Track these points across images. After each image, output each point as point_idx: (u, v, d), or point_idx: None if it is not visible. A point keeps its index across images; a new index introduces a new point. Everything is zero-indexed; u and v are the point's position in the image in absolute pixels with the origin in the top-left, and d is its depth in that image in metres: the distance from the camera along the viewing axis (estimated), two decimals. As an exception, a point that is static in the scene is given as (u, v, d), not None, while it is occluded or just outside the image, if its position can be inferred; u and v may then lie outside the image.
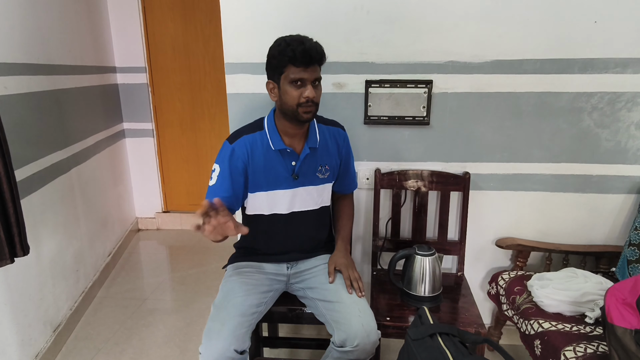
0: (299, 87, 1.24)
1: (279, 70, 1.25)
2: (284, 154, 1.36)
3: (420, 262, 1.46)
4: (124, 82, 3.04)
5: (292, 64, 1.22)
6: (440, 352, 0.94)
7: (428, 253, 1.46)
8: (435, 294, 1.49)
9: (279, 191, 1.37)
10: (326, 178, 1.44)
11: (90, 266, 2.41)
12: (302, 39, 1.24)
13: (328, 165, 1.44)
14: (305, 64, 1.22)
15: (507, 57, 1.60)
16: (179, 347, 1.99)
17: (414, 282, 1.48)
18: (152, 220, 3.35)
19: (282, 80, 1.25)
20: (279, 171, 1.36)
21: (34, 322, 1.80)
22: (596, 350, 1.24)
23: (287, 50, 1.21)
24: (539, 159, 1.70)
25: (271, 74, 1.28)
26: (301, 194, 1.40)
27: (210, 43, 3.02)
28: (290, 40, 1.23)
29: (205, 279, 2.60)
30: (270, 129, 1.36)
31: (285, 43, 1.22)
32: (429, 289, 1.47)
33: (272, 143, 1.34)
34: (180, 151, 3.24)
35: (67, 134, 2.21)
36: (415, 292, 1.48)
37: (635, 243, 1.56)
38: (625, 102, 1.61)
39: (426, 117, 1.66)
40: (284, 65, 1.23)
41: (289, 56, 1.21)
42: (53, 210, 2.01)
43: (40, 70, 1.94)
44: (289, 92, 1.25)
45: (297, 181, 1.38)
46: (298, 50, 1.20)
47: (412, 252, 1.47)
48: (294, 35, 1.26)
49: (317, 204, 1.45)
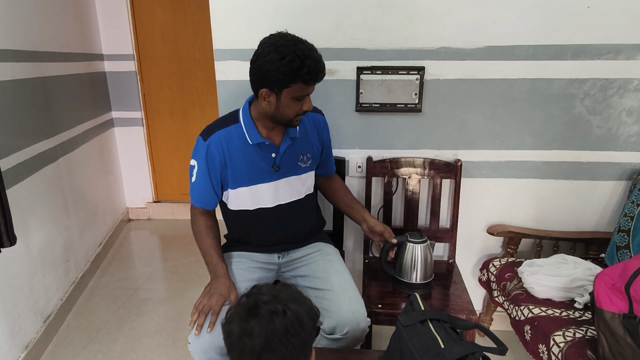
0: (299, 101, 1.21)
1: (283, 84, 1.16)
2: (262, 147, 1.32)
3: (412, 250, 1.46)
4: (112, 70, 2.98)
5: (304, 82, 1.16)
6: (431, 337, 0.94)
7: (420, 240, 1.46)
8: (427, 281, 1.50)
9: (261, 185, 1.34)
10: (308, 166, 1.42)
11: (80, 256, 2.39)
12: (314, 55, 1.16)
13: (309, 154, 1.41)
14: (315, 82, 1.19)
15: (500, 43, 1.58)
16: (171, 335, 1.99)
17: (406, 270, 1.48)
18: (143, 210, 3.32)
19: (285, 94, 1.18)
20: (260, 165, 1.33)
21: (24, 312, 1.79)
22: (585, 335, 1.25)
23: (302, 69, 1.13)
24: (531, 146, 1.70)
25: (270, 84, 1.18)
26: (284, 185, 1.38)
27: (200, 29, 2.97)
28: (304, 56, 1.13)
29: (197, 268, 2.60)
30: (247, 122, 1.30)
31: (299, 60, 1.13)
32: (420, 276, 1.47)
33: (249, 137, 1.29)
34: (171, 140, 3.21)
35: (54, 122, 2.16)
36: (407, 280, 1.48)
37: (625, 229, 1.58)
38: (617, 88, 1.61)
39: (418, 104, 1.65)
40: (292, 82, 1.16)
41: (304, 78, 1.15)
42: (41, 200, 1.98)
43: (24, 57, 1.89)
44: (291, 107, 1.21)
45: (279, 173, 1.35)
46: (314, 72, 1.15)
47: (404, 239, 1.47)
48: (304, 49, 1.15)
49: (301, 194, 1.44)
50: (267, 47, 1.16)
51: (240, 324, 0.78)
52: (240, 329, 0.78)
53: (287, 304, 0.78)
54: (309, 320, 0.80)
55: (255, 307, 0.78)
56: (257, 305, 0.78)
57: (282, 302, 0.78)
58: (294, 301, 0.80)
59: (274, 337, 0.75)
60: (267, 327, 0.75)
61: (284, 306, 0.77)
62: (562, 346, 1.23)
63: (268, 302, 0.78)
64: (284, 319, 0.76)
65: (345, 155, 1.73)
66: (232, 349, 0.79)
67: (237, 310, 0.81)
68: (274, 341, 0.75)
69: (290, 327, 0.76)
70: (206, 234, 1.34)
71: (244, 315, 0.78)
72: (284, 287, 0.85)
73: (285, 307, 0.77)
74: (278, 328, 0.75)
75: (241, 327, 0.77)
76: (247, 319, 0.77)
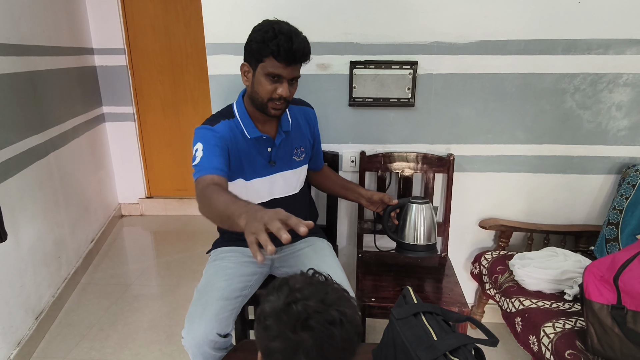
0: (274, 82, 1.19)
1: (258, 57, 1.18)
2: (259, 141, 1.31)
3: (414, 211, 1.44)
4: (102, 64, 2.95)
5: (274, 57, 1.15)
6: (424, 330, 0.95)
7: (422, 201, 1.45)
8: (431, 243, 1.48)
9: (257, 179, 1.34)
10: (302, 160, 1.43)
11: (72, 253, 2.37)
12: (292, 34, 1.15)
13: (303, 147, 1.42)
14: (287, 62, 1.16)
15: (492, 37, 1.59)
16: (165, 331, 1.99)
17: (409, 231, 1.46)
18: (135, 206, 3.30)
19: (259, 69, 1.19)
20: (256, 159, 1.32)
21: (15, 309, 1.77)
22: (574, 326, 1.27)
23: (272, 43, 1.13)
24: (522, 141, 1.71)
25: (249, 57, 1.21)
26: (279, 179, 1.38)
27: (192, 23, 2.94)
28: (279, 31, 1.14)
29: (190, 263, 2.59)
30: (242, 116, 1.29)
31: (273, 33, 1.13)
32: (424, 237, 1.45)
33: (246, 131, 1.29)
34: (163, 135, 3.18)
35: (44, 117, 2.13)
36: (411, 242, 1.46)
37: (614, 222, 1.60)
38: (607, 83, 1.63)
39: (411, 99, 1.65)
40: (264, 55, 1.16)
41: (272, 49, 1.14)
42: (31, 196, 1.96)
43: (12, 51, 1.86)
44: (263, 84, 1.20)
45: (275, 167, 1.36)
46: (284, 47, 1.13)
47: (406, 201, 1.46)
48: (284, 26, 1.16)
49: (296, 188, 1.44)
50: (257, 26, 1.21)
51: (286, 338, 0.62)
52: (289, 347, 0.62)
53: (340, 310, 0.64)
54: (359, 317, 0.68)
55: (307, 318, 0.62)
56: (309, 316, 0.62)
57: (333, 307, 0.64)
58: (344, 302, 0.66)
59: (333, 351, 0.62)
60: (325, 341, 0.61)
61: (339, 313, 0.63)
62: (552, 337, 1.25)
63: (319, 310, 0.63)
64: (342, 329, 0.63)
65: (338, 149, 1.73)
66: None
67: (280, 318, 0.64)
68: (333, 354, 0.63)
69: (346, 334, 0.63)
70: (219, 191, 1.07)
71: (290, 325, 0.62)
72: (326, 285, 0.69)
73: (340, 315, 0.63)
74: (337, 341, 0.62)
75: (289, 341, 0.62)
76: (295, 330, 0.62)
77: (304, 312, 0.62)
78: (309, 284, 0.68)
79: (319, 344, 0.62)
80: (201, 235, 2.98)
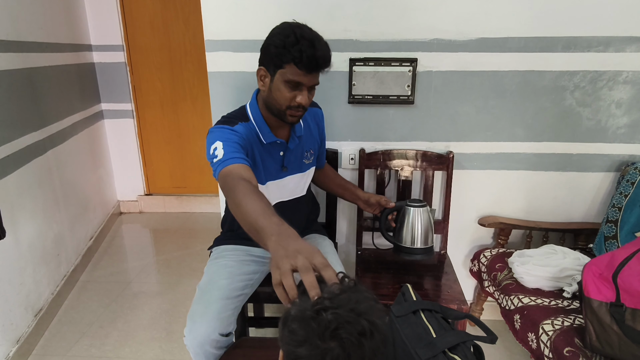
0: (293, 89, 1.14)
1: (277, 63, 1.12)
2: (273, 145, 1.28)
3: (411, 214, 1.45)
4: (101, 61, 2.94)
5: (295, 64, 1.10)
6: (423, 327, 0.95)
7: (419, 204, 1.46)
8: (428, 246, 1.48)
9: (269, 183, 1.33)
10: (311, 162, 1.43)
11: (71, 250, 2.37)
12: (314, 40, 1.09)
13: (312, 149, 1.41)
14: (309, 69, 1.11)
15: (492, 35, 1.59)
16: (165, 329, 1.99)
17: (406, 234, 1.46)
18: (134, 203, 3.29)
19: (278, 75, 1.13)
20: (269, 164, 1.30)
21: (15, 307, 1.77)
22: (573, 323, 1.28)
23: (294, 49, 1.08)
24: (522, 138, 1.71)
25: (267, 61, 1.15)
26: (289, 183, 1.37)
27: (191, 20, 2.93)
28: (301, 36, 1.08)
29: (190, 261, 2.59)
30: (258, 120, 1.24)
31: (295, 38, 1.08)
32: (421, 240, 1.46)
33: (262, 137, 1.24)
34: (162, 132, 3.18)
35: (42, 114, 2.13)
36: (408, 245, 1.47)
37: (613, 220, 1.60)
38: (606, 80, 1.62)
39: (411, 96, 1.65)
40: (285, 61, 1.11)
41: (294, 55, 1.08)
42: (30, 193, 1.95)
43: (10, 47, 1.85)
44: (282, 91, 1.15)
45: (286, 172, 1.35)
46: (306, 54, 1.08)
47: (403, 204, 1.47)
48: (305, 30, 1.11)
49: (303, 190, 1.44)
50: (276, 29, 1.15)
51: (314, 345, 0.60)
52: (317, 355, 0.60)
53: (371, 320, 0.62)
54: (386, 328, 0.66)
55: (337, 328, 0.60)
56: (339, 326, 0.60)
57: (365, 317, 0.61)
58: (375, 312, 0.63)
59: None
60: (354, 351, 0.60)
61: (370, 324, 0.61)
62: (551, 334, 1.25)
63: (351, 320, 0.60)
64: (372, 341, 0.61)
65: (337, 147, 1.73)
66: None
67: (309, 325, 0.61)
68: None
69: (377, 347, 0.61)
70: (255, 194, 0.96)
71: (319, 333, 0.60)
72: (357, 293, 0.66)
73: (371, 326, 0.61)
74: (367, 352, 0.60)
75: (316, 350, 0.60)
76: (324, 339, 0.60)
77: (334, 321, 0.60)
78: (341, 290, 0.66)
79: (346, 354, 0.60)
80: (200, 232, 2.98)
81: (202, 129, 3.13)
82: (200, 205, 3.30)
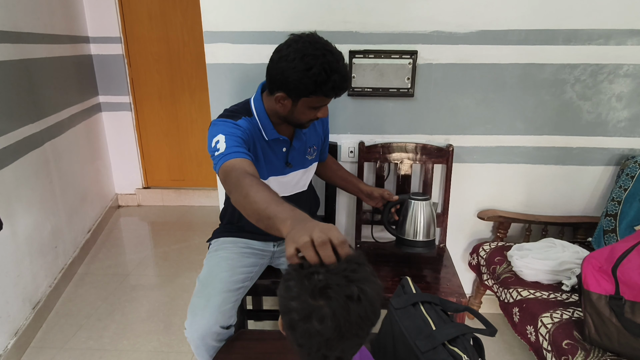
0: (316, 109, 1.17)
1: (304, 93, 1.11)
2: (276, 142, 1.28)
3: (414, 207, 1.46)
4: (98, 53, 2.91)
5: (325, 95, 1.11)
6: (422, 319, 0.95)
7: (422, 198, 1.46)
8: (430, 239, 1.49)
9: (271, 178, 1.33)
10: (314, 158, 1.43)
11: (69, 243, 2.36)
12: (338, 66, 1.08)
13: (315, 145, 1.41)
14: (338, 95, 1.15)
15: (493, 27, 1.57)
16: (163, 321, 1.99)
17: (409, 227, 1.47)
18: (132, 196, 3.28)
19: (302, 102, 1.14)
20: (272, 159, 1.30)
21: (12, 299, 1.77)
22: (571, 316, 1.28)
23: (327, 84, 1.08)
24: (522, 132, 1.70)
25: (289, 91, 1.12)
26: (291, 179, 1.37)
27: (188, 12, 2.90)
28: (330, 68, 1.07)
29: (188, 254, 2.59)
30: (261, 116, 1.23)
31: (325, 74, 1.07)
32: (423, 233, 1.47)
33: (265, 133, 1.24)
34: (160, 125, 3.16)
35: (39, 106, 2.11)
36: (410, 237, 1.47)
37: (612, 214, 1.60)
38: (607, 74, 1.62)
39: (410, 89, 1.64)
40: (313, 94, 1.11)
41: (325, 90, 1.09)
42: (27, 185, 1.94)
43: (6, 38, 1.83)
44: (306, 114, 1.17)
45: (289, 168, 1.35)
46: (338, 85, 1.10)
47: (406, 197, 1.47)
48: (330, 58, 1.08)
49: (305, 185, 1.44)
50: (293, 53, 1.08)
51: (305, 301, 0.65)
52: (305, 308, 0.65)
53: (362, 288, 0.65)
54: (380, 303, 0.69)
55: (326, 287, 0.64)
56: (328, 286, 0.64)
57: (355, 284, 0.65)
58: (367, 283, 0.67)
59: (347, 324, 0.64)
60: (340, 313, 0.64)
61: (359, 290, 0.65)
62: (550, 327, 1.25)
63: (341, 284, 0.65)
64: (359, 305, 0.65)
65: (337, 140, 1.72)
66: (293, 327, 0.67)
67: (302, 283, 0.66)
68: (347, 329, 0.65)
69: (364, 313, 0.65)
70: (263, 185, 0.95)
71: (310, 292, 0.65)
72: (356, 264, 0.69)
73: (360, 292, 0.65)
74: (352, 315, 0.64)
75: (306, 305, 0.65)
76: (314, 296, 0.64)
77: (324, 281, 0.64)
78: (342, 262, 0.69)
79: (333, 314, 0.63)
80: (198, 226, 2.97)
81: (201, 121, 3.11)
82: (199, 199, 3.29)
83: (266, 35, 1.58)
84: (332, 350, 0.68)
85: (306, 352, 0.69)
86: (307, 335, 0.66)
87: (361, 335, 0.68)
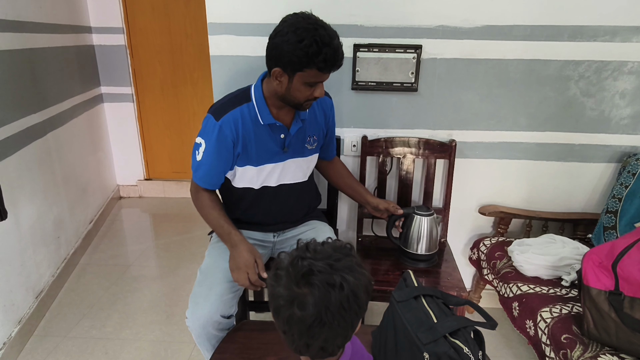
0: (312, 87, 1.19)
1: (298, 67, 1.13)
2: (273, 127, 1.30)
3: (418, 222, 1.48)
4: (101, 44, 2.90)
5: (318, 69, 1.13)
6: (424, 312, 0.96)
7: (427, 213, 1.49)
8: (431, 253, 1.53)
9: (268, 165, 1.34)
10: (314, 149, 1.43)
11: (71, 233, 2.37)
12: (335, 44, 1.12)
13: (316, 136, 1.41)
14: (330, 71, 1.16)
15: (498, 22, 1.57)
16: (165, 311, 2.01)
17: (412, 241, 1.51)
18: (134, 187, 3.29)
19: (298, 77, 1.16)
20: (269, 145, 1.31)
21: (15, 287, 1.78)
22: (571, 311, 1.29)
23: (319, 59, 1.10)
24: (525, 128, 1.71)
25: (283, 64, 1.14)
26: (290, 166, 1.38)
27: (191, 3, 2.89)
28: (322, 42, 1.09)
29: (190, 245, 2.60)
30: (259, 101, 1.27)
31: (317, 46, 1.09)
32: (425, 248, 1.51)
33: (261, 118, 1.27)
34: (162, 117, 3.16)
35: (42, 96, 2.11)
36: (412, 251, 1.52)
37: (612, 210, 1.61)
38: (611, 71, 1.62)
39: (414, 84, 1.64)
40: (307, 67, 1.13)
41: (319, 65, 1.12)
42: (30, 175, 1.95)
43: (9, 27, 1.83)
44: (302, 91, 1.19)
45: (287, 154, 1.35)
46: (330, 61, 1.12)
47: (411, 211, 1.50)
48: (322, 32, 1.10)
49: (305, 176, 1.44)
50: (287, 27, 1.12)
51: (290, 288, 0.69)
52: (289, 295, 0.69)
53: (344, 276, 0.68)
54: (365, 294, 0.72)
55: (309, 274, 0.68)
56: (311, 273, 0.68)
57: (338, 272, 0.69)
58: (351, 272, 0.70)
59: (328, 312, 0.67)
60: (322, 299, 0.67)
61: (342, 278, 0.68)
62: (549, 321, 1.27)
63: (323, 271, 0.68)
64: (340, 294, 0.67)
65: (340, 133, 1.72)
66: (277, 312, 0.71)
67: (288, 270, 0.71)
68: (327, 316, 0.67)
69: (346, 302, 0.68)
70: (211, 207, 1.33)
71: (295, 279, 0.69)
72: (341, 254, 0.73)
73: (342, 280, 0.68)
74: (333, 303, 0.67)
75: (291, 292, 0.69)
76: (299, 284, 0.69)
77: (306, 267, 0.69)
78: (332, 247, 0.75)
79: (315, 301, 0.67)
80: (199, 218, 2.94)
81: (202, 113, 3.06)
82: (200, 191, 3.29)
83: (271, 27, 1.55)
84: (314, 338, 0.70)
85: (290, 339, 0.72)
86: (290, 321, 0.69)
87: (343, 326, 0.70)
